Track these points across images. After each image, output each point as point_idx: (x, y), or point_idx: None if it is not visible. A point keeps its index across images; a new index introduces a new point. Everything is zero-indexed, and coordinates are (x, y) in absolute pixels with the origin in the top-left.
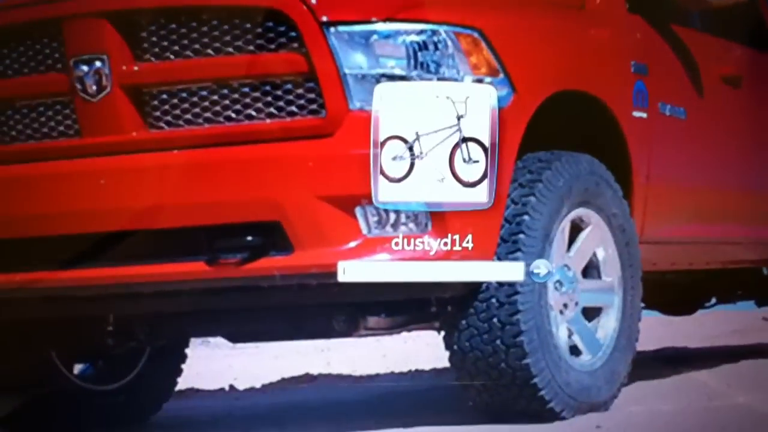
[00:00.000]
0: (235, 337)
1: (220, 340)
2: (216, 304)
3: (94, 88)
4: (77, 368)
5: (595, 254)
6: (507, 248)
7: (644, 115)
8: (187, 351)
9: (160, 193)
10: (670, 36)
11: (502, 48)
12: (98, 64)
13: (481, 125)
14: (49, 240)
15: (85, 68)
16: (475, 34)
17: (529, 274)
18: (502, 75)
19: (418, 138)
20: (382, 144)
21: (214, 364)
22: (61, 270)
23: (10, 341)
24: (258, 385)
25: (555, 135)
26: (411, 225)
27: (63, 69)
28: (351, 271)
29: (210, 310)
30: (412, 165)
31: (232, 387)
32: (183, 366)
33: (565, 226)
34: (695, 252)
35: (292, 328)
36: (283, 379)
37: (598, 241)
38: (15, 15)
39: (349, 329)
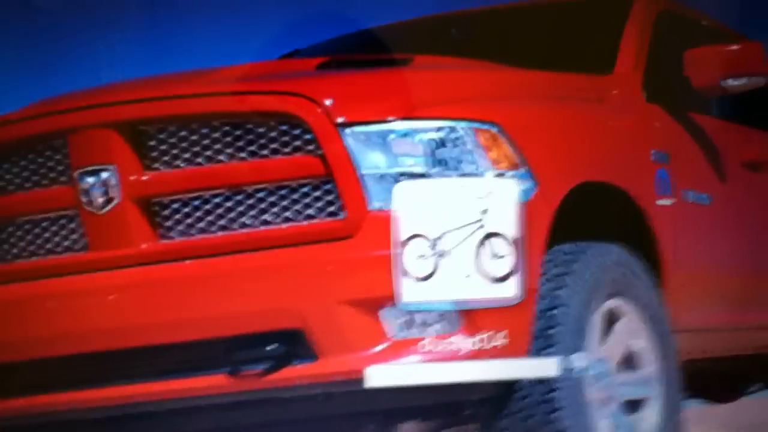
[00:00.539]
0: None
1: None
2: (238, 420)
3: (101, 200)
4: None
5: (630, 346)
6: (540, 344)
7: (668, 202)
8: None
9: (174, 306)
10: (690, 124)
11: (522, 141)
12: (105, 174)
13: (506, 219)
14: (57, 361)
15: (90, 180)
16: (494, 129)
17: (563, 369)
18: (523, 168)
19: (441, 236)
20: (405, 243)
21: None
22: (70, 392)
23: None
24: None
25: (582, 227)
26: (439, 325)
27: (68, 182)
28: (378, 377)
29: (232, 427)
30: (436, 263)
31: None
32: None
33: (597, 318)
34: (728, 339)
35: None
36: None
37: (632, 332)
38: (17, 129)
39: None
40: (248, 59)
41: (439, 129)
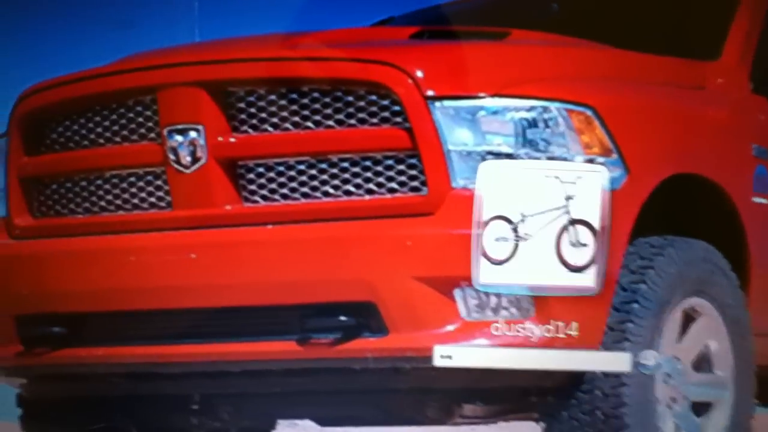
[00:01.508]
0: (323, 421)
1: (308, 423)
2: (305, 386)
3: (188, 159)
4: None
5: (707, 346)
6: (614, 337)
7: (765, 201)
8: None
9: (252, 269)
10: None
11: (616, 127)
12: (193, 134)
13: (591, 207)
14: (135, 314)
15: (179, 138)
16: (588, 112)
17: (636, 364)
18: (615, 155)
19: (523, 219)
20: (486, 224)
21: None
22: (147, 346)
23: (92, 417)
24: None
25: (669, 219)
26: (513, 309)
27: (156, 139)
28: (446, 356)
29: (299, 392)
30: (516, 247)
31: None
32: None
33: (676, 315)
34: None
35: (383, 413)
36: None
37: (710, 333)
38: (107, 83)
39: (443, 417)
40: (342, 24)
41: (530, 108)
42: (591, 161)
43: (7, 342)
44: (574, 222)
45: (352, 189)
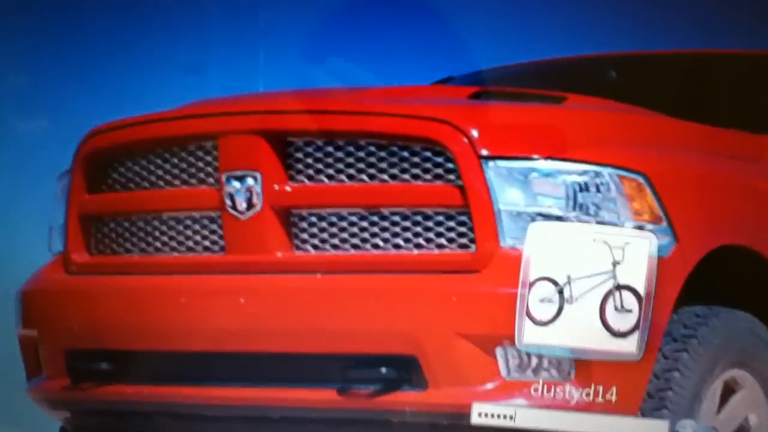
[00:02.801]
0: None
1: None
2: None
3: (244, 205)
4: None
5: (747, 420)
6: (653, 404)
7: None
8: None
9: (299, 316)
10: None
11: (667, 195)
12: (250, 181)
13: (637, 274)
14: (182, 355)
15: (237, 185)
16: (640, 179)
17: None
18: (665, 223)
19: (569, 281)
20: (531, 284)
21: None
22: (191, 387)
23: None
24: None
25: (715, 289)
26: (553, 371)
27: (214, 184)
28: (485, 414)
29: None
30: (560, 309)
31: None
32: None
33: (717, 386)
34: None
35: None
36: None
37: (751, 406)
38: (171, 127)
39: None
40: (402, 82)
41: (583, 172)
42: (640, 228)
43: (55, 375)
44: (619, 287)
45: (402, 243)
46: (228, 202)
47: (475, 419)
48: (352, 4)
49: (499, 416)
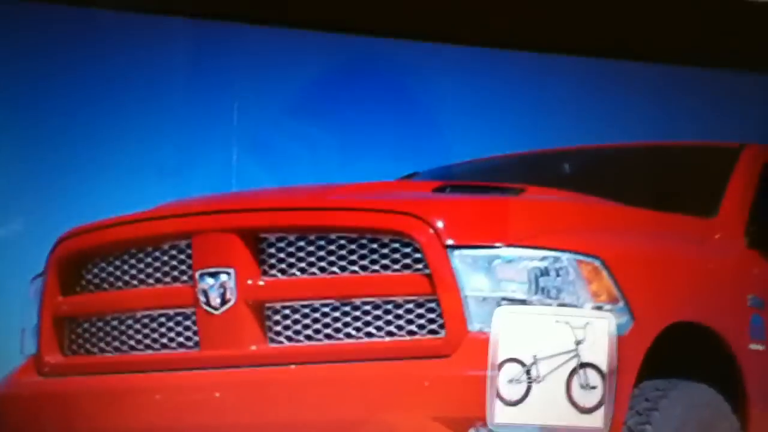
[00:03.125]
0: None
1: None
2: None
3: (218, 300)
4: None
5: None
6: None
7: (761, 347)
8: None
9: (274, 408)
10: None
11: (623, 276)
12: (224, 277)
13: (599, 351)
14: None
15: (210, 281)
16: (596, 262)
17: None
18: (621, 303)
19: (536, 361)
20: (500, 366)
21: None
22: None
23: None
24: None
25: (672, 364)
26: None
27: (188, 281)
28: None
29: None
30: (529, 388)
31: None
32: None
33: None
34: None
35: None
36: None
37: None
38: (145, 228)
39: None
40: (369, 178)
41: (543, 258)
42: (599, 308)
43: None
44: (583, 365)
45: (374, 331)
46: (202, 298)
47: None
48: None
49: None
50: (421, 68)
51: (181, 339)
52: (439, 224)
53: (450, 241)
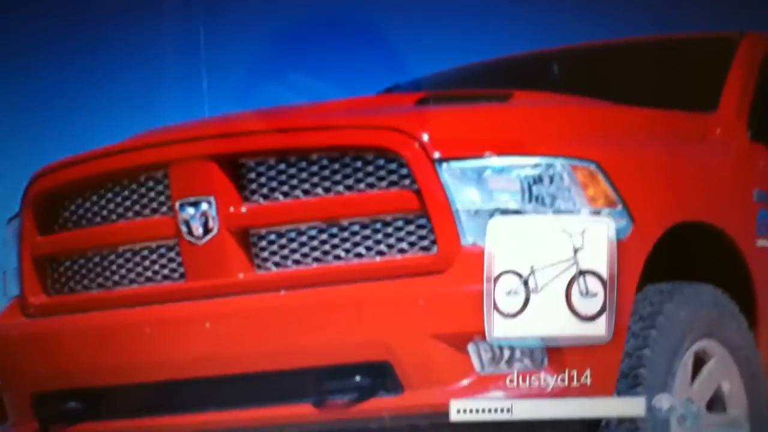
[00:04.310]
0: None
1: None
2: None
3: (201, 230)
4: None
5: (719, 387)
6: (627, 383)
7: None
8: None
9: (266, 335)
10: None
11: (620, 179)
12: (205, 206)
13: (598, 258)
14: (152, 386)
15: (191, 211)
16: (592, 166)
17: (650, 409)
18: (620, 206)
19: (533, 272)
20: (496, 279)
21: None
22: (165, 416)
23: None
24: None
25: (677, 266)
26: (526, 361)
27: (168, 212)
28: (463, 411)
29: None
30: (527, 300)
31: None
32: None
33: (687, 359)
34: None
35: None
36: None
37: (722, 374)
38: (119, 160)
39: None
40: (349, 93)
41: (535, 165)
42: (597, 213)
43: (22, 421)
44: (583, 273)
45: (363, 251)
46: (184, 228)
47: (454, 416)
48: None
49: (477, 411)
50: None
51: (165, 271)
52: (425, 137)
53: (437, 155)
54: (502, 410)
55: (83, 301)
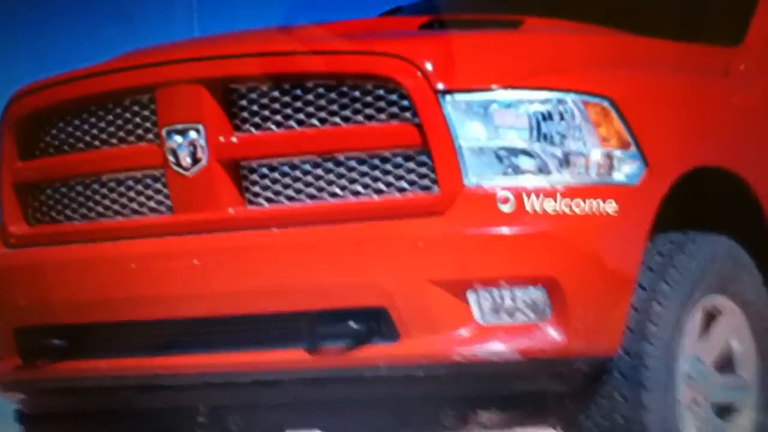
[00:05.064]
0: (334, 430)
1: None
2: (315, 395)
3: (188, 160)
4: None
5: (729, 346)
6: (634, 338)
7: None
8: None
9: (256, 275)
10: None
11: (635, 118)
12: (193, 134)
13: None
14: (138, 324)
15: (179, 139)
16: (605, 103)
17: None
18: (633, 148)
19: None
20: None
21: None
22: (151, 357)
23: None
24: None
25: (689, 214)
26: (529, 312)
27: (155, 140)
28: (460, 361)
29: (309, 402)
30: None
31: None
32: None
33: (697, 314)
34: None
35: (396, 422)
36: None
37: (733, 332)
38: (103, 82)
39: (459, 425)
40: (347, 16)
41: (545, 101)
42: (608, 155)
43: (5, 356)
44: None
45: (360, 189)
46: (171, 158)
47: (451, 367)
48: None
49: (475, 362)
50: None
51: (152, 203)
52: (428, 66)
53: (441, 86)
54: (500, 362)
55: (66, 232)
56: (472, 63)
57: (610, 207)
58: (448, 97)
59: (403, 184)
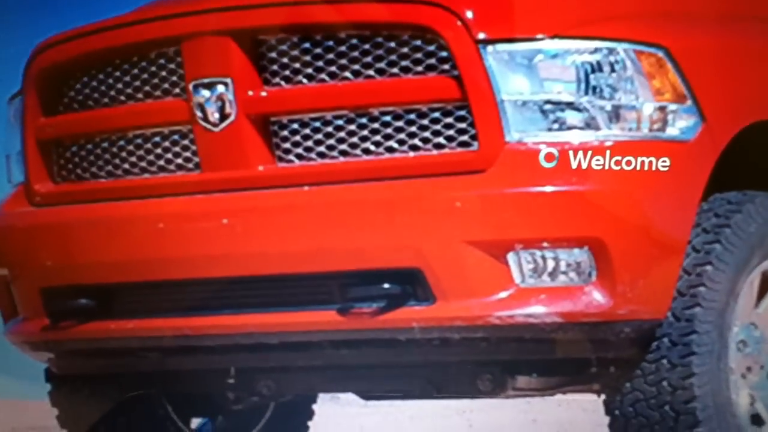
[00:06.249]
0: (367, 395)
1: (351, 397)
2: (348, 358)
3: (216, 115)
4: (195, 423)
5: None
6: (684, 303)
7: None
8: (315, 407)
9: (288, 235)
10: None
11: (692, 70)
12: (221, 88)
13: None
14: (166, 285)
15: (206, 93)
16: (660, 53)
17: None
18: (689, 102)
19: None
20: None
21: (344, 423)
22: (180, 318)
23: (123, 392)
24: None
25: (749, 172)
26: (572, 274)
27: (181, 94)
28: (500, 325)
29: (341, 365)
30: None
31: None
32: (310, 423)
33: (754, 278)
34: None
35: (430, 386)
36: None
37: None
38: (127, 34)
39: (496, 389)
40: None
41: (595, 50)
42: (662, 108)
43: (33, 316)
44: None
45: (396, 145)
46: (198, 113)
47: (490, 331)
48: None
49: (515, 325)
50: None
51: (179, 161)
52: (468, 14)
53: (482, 35)
54: (540, 326)
55: (91, 190)
56: (515, 11)
57: (663, 164)
58: (489, 48)
59: (441, 140)
